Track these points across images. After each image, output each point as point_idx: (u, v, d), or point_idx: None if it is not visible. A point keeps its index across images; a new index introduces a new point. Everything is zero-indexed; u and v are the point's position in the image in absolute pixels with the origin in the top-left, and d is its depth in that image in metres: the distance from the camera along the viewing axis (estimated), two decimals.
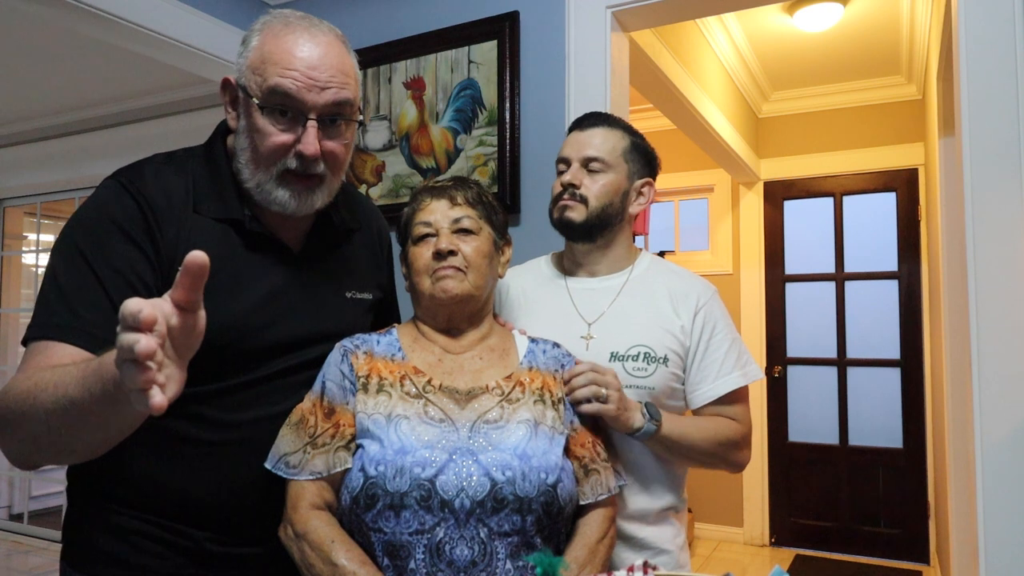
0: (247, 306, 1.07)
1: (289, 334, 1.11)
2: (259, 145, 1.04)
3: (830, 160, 4.29)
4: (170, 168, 1.09)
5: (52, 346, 0.93)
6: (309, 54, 1.03)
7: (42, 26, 2.97)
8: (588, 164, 1.34)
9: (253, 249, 1.10)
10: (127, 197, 1.02)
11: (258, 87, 1.03)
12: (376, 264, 1.31)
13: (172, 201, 1.04)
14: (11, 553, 4.24)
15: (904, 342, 4.12)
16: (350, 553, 0.98)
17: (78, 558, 1.10)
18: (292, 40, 1.03)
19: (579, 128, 1.39)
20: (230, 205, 1.08)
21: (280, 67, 1.02)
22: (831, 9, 3.17)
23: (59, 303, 0.96)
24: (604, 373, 1.16)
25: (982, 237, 1.57)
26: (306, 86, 1.02)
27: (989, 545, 1.53)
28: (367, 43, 2.33)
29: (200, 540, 1.07)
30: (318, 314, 1.15)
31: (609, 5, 1.98)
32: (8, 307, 4.84)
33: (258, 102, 1.02)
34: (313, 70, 1.03)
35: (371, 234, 1.31)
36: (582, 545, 1.07)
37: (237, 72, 1.06)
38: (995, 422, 1.54)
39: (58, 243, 1.02)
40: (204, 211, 1.07)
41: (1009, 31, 1.58)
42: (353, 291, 1.22)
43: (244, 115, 1.06)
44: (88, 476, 1.09)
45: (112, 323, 0.87)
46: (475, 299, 1.16)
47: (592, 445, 1.13)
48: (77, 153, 4.07)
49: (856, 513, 4.19)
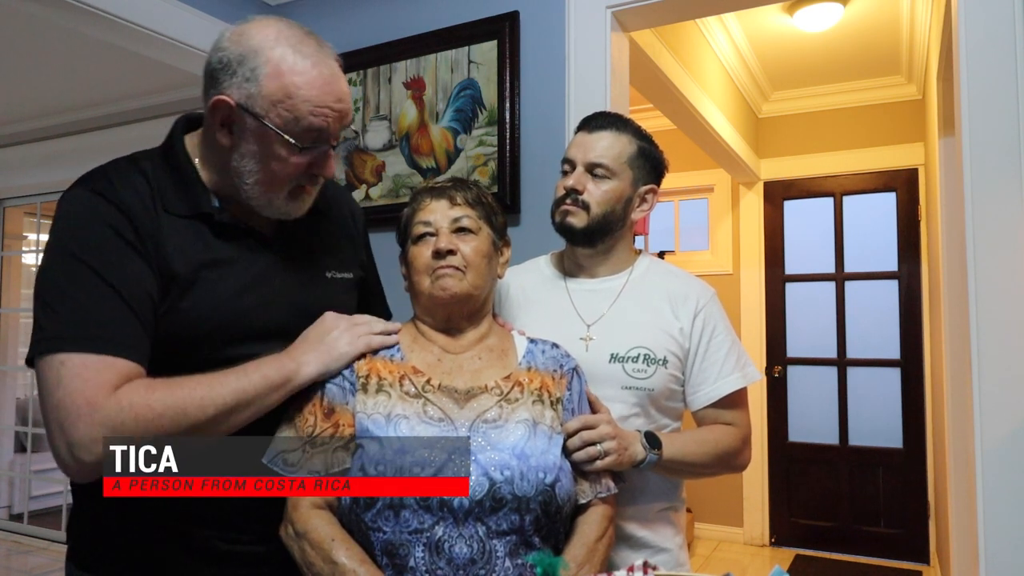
0: (230, 296, 1.08)
1: (274, 319, 1.12)
2: (276, 171, 1.05)
3: (830, 160, 4.29)
4: (132, 171, 1.08)
5: (109, 360, 0.95)
6: (332, 87, 1.04)
7: (42, 26, 2.97)
8: (592, 169, 1.32)
9: (227, 240, 1.10)
10: (107, 204, 1.01)
11: (285, 122, 1.02)
12: (353, 243, 1.31)
13: (144, 203, 1.04)
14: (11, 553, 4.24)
15: (904, 342, 4.12)
16: (350, 552, 0.98)
17: (85, 559, 1.11)
18: (317, 74, 1.03)
19: (587, 129, 1.36)
20: (198, 200, 1.08)
21: (312, 105, 1.02)
22: (831, 9, 3.17)
23: (79, 315, 0.96)
24: (595, 424, 1.12)
25: (982, 237, 1.57)
26: (335, 119, 1.05)
27: (989, 545, 1.53)
28: (367, 43, 2.33)
29: (208, 538, 1.08)
30: (301, 296, 1.16)
31: (609, 5, 1.98)
32: (8, 307, 4.84)
33: (294, 141, 1.03)
34: (339, 103, 1.05)
35: (343, 213, 1.31)
36: (581, 544, 1.07)
37: (242, 96, 1.02)
38: (995, 422, 1.54)
39: (51, 258, 1.00)
40: (173, 209, 1.06)
41: (1009, 31, 1.58)
42: (333, 271, 1.23)
43: (254, 140, 1.04)
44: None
45: (140, 334, 0.97)
46: (474, 298, 1.16)
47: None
48: (77, 153, 4.07)
49: (856, 513, 4.19)
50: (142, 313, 0.99)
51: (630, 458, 1.16)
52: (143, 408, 0.93)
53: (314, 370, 1.07)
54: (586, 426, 1.12)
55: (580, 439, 1.11)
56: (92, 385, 0.92)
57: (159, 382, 0.98)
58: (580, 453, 1.10)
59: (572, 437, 1.11)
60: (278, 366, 1.05)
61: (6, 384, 4.81)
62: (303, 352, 1.08)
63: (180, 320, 1.03)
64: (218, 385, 0.99)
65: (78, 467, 0.93)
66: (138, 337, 0.99)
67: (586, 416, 1.14)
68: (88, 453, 0.92)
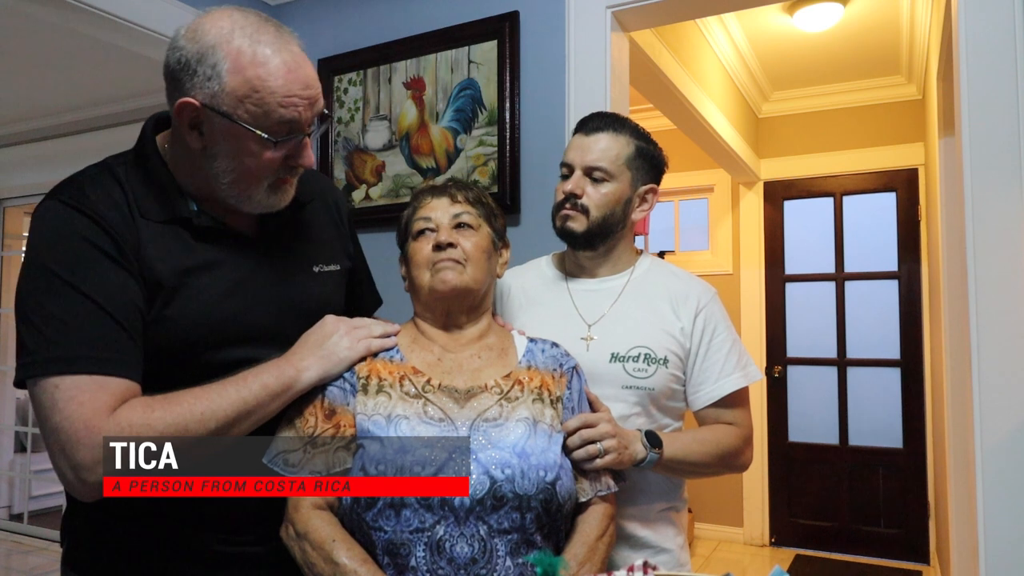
0: (215, 299, 1.06)
1: (262, 319, 1.10)
2: (253, 167, 1.02)
3: (830, 160, 4.29)
4: (104, 178, 1.05)
5: (102, 381, 0.93)
6: (297, 74, 1.00)
7: (42, 26, 2.97)
8: (591, 173, 1.31)
9: (208, 243, 1.07)
10: (82, 217, 0.98)
11: (254, 118, 0.99)
12: (339, 233, 1.29)
13: (120, 211, 1.02)
14: (11, 553, 4.24)
15: (904, 342, 4.12)
16: (351, 552, 0.98)
17: (81, 561, 1.10)
18: (278, 63, 0.99)
19: (584, 131, 1.35)
20: (175, 204, 1.06)
21: (280, 96, 0.98)
22: (831, 9, 3.17)
23: (65, 335, 0.94)
24: (595, 423, 1.12)
25: (982, 237, 1.57)
26: (305, 107, 1.01)
27: (989, 545, 1.53)
28: (367, 43, 2.34)
29: (205, 540, 1.07)
30: (289, 293, 1.14)
31: (609, 5, 1.98)
32: (8, 307, 4.84)
33: (267, 136, 1.00)
34: (306, 89, 1.01)
35: (327, 204, 1.28)
36: (581, 543, 1.07)
37: (206, 96, 0.98)
38: (995, 422, 1.54)
39: (31, 275, 0.97)
40: (149, 215, 1.04)
41: (1009, 31, 1.58)
42: (320, 264, 1.21)
43: (225, 140, 1.01)
44: None
45: (131, 348, 0.96)
46: (473, 292, 1.16)
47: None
48: (77, 153, 4.07)
49: (856, 513, 4.19)
50: (130, 325, 0.97)
51: (630, 457, 1.16)
52: (143, 428, 0.93)
53: (314, 376, 1.06)
54: (586, 424, 1.11)
55: (580, 438, 1.10)
56: (89, 409, 0.91)
57: (157, 400, 0.96)
58: (580, 452, 1.10)
59: (572, 436, 1.10)
60: (277, 373, 1.04)
61: (6, 384, 4.81)
62: (302, 358, 1.07)
63: (168, 328, 1.02)
64: (217, 397, 0.98)
65: (85, 488, 0.93)
66: (128, 352, 0.97)
67: (586, 415, 1.14)
68: (93, 475, 0.91)
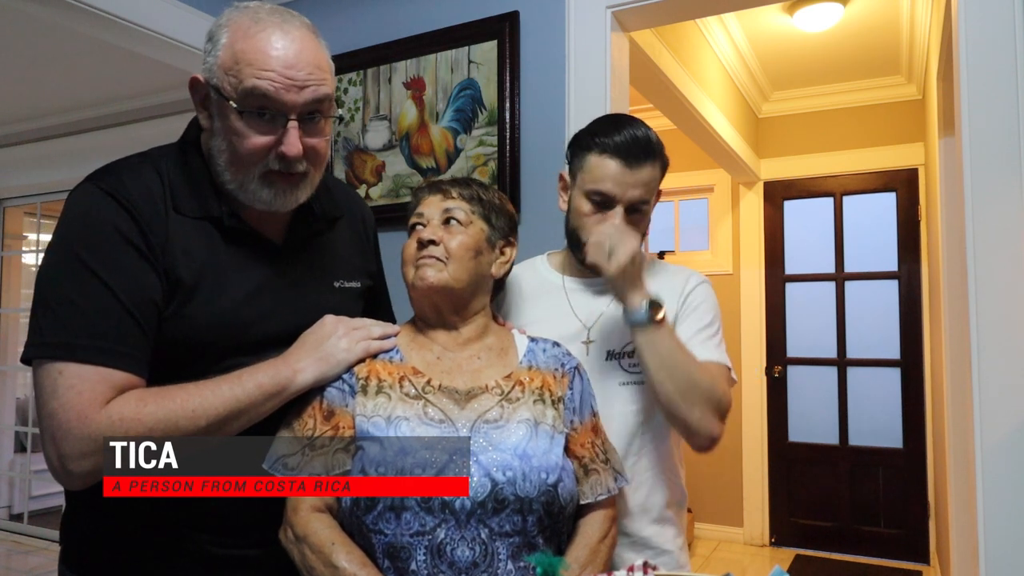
0: (234, 303, 1.06)
1: (278, 328, 1.10)
2: (238, 148, 1.01)
3: (830, 160, 4.29)
4: (145, 169, 1.05)
5: (105, 372, 0.94)
6: (284, 52, 0.99)
7: (42, 26, 2.97)
8: (635, 208, 1.25)
9: (236, 245, 1.08)
10: (116, 205, 0.98)
11: (233, 88, 0.99)
12: (363, 251, 1.29)
13: (155, 204, 1.02)
14: (11, 553, 4.24)
15: (904, 342, 4.12)
16: (351, 555, 0.97)
17: (79, 561, 1.10)
18: (265, 37, 0.99)
19: (625, 161, 1.22)
20: (208, 203, 1.06)
21: (256, 67, 0.97)
22: (831, 9, 3.17)
23: (80, 322, 0.94)
24: (622, 235, 1.16)
25: (982, 237, 1.57)
26: (284, 86, 0.99)
27: (989, 545, 1.53)
28: (367, 43, 2.33)
29: (203, 543, 1.07)
30: (306, 305, 1.13)
31: (609, 5, 1.98)
32: (8, 307, 4.84)
33: (236, 105, 0.99)
34: (290, 68, 0.99)
35: (355, 221, 1.28)
36: (583, 545, 1.07)
37: (206, 71, 1.01)
38: (995, 422, 1.54)
39: (56, 257, 0.98)
40: (184, 210, 1.04)
41: (1009, 31, 1.57)
42: (341, 280, 1.21)
43: (219, 116, 1.02)
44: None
45: (141, 343, 0.96)
46: (455, 291, 1.13)
47: (592, 445, 1.13)
48: (77, 153, 4.07)
49: (856, 513, 4.19)
50: (143, 320, 0.98)
51: (625, 294, 1.17)
52: (133, 422, 0.93)
53: (311, 377, 1.05)
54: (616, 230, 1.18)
55: (602, 231, 1.18)
56: (86, 398, 0.92)
57: (151, 393, 0.96)
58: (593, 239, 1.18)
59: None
60: (273, 373, 1.03)
61: (6, 384, 4.81)
62: (299, 359, 1.06)
63: (183, 326, 1.02)
64: (211, 395, 0.98)
65: (67, 477, 0.94)
66: (138, 346, 0.97)
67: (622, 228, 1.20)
68: (77, 465, 0.92)
